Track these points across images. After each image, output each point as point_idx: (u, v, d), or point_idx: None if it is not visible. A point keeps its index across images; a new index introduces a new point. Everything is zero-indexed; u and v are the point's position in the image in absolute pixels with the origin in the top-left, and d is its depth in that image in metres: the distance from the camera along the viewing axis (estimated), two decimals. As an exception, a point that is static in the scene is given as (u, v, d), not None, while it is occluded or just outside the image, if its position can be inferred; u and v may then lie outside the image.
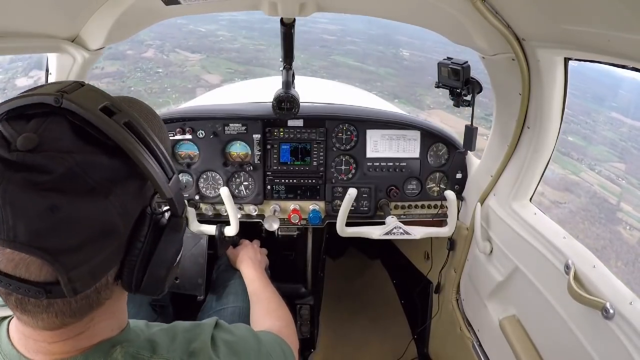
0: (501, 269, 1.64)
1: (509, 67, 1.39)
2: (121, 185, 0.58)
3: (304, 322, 2.35)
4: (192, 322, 0.86)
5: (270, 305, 1.44)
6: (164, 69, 23.30)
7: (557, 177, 7.02)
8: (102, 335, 0.68)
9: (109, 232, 0.56)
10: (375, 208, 2.04)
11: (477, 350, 1.81)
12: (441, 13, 1.31)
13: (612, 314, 1.05)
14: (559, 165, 7.68)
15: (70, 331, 0.63)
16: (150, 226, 0.62)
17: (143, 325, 0.80)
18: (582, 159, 7.87)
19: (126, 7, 1.30)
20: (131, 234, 0.61)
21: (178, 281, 1.78)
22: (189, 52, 27.75)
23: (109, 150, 0.58)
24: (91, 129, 0.56)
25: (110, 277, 0.61)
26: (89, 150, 0.56)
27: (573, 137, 8.86)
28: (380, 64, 28.88)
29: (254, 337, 0.93)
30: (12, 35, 1.10)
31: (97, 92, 0.62)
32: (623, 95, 6.87)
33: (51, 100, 0.55)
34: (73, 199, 0.53)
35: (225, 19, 36.64)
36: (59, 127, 0.56)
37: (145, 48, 25.42)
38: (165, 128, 0.88)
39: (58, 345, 0.64)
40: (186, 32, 31.11)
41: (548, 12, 1.05)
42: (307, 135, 1.99)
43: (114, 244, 0.58)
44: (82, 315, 0.62)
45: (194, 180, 1.97)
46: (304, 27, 33.36)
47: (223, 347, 0.81)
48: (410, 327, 2.67)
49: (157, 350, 0.72)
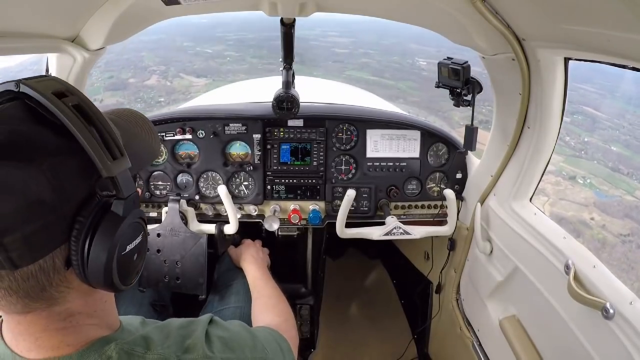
0: (501, 269, 1.64)
1: (509, 67, 1.39)
2: (59, 160, 0.60)
3: (304, 322, 2.36)
4: (186, 319, 0.86)
5: (270, 301, 1.45)
6: (166, 97, 23.11)
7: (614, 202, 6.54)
8: (92, 334, 0.68)
9: (38, 202, 0.56)
10: (376, 208, 2.04)
11: (477, 350, 1.81)
12: (441, 13, 1.31)
13: (612, 314, 1.05)
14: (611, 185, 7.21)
15: (47, 321, 0.64)
16: (94, 209, 0.63)
17: (138, 324, 0.81)
18: (632, 172, 7.45)
19: (126, 7, 1.30)
20: (74, 214, 0.61)
21: (179, 281, 1.78)
22: (194, 77, 27.49)
23: (56, 129, 0.60)
24: (42, 110, 0.60)
25: (57, 259, 0.61)
26: (36, 127, 0.60)
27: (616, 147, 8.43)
28: (398, 77, 28.31)
29: (249, 333, 0.93)
30: (12, 36, 1.10)
31: (58, 81, 0.66)
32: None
33: (12, 86, 0.61)
34: (8, 165, 0.55)
35: (233, 38, 36.19)
36: (15, 107, 0.61)
37: (149, 75, 25.13)
38: (154, 130, 0.89)
39: (44, 338, 0.65)
40: (192, 55, 30.68)
41: (548, 12, 1.05)
42: (307, 135, 1.99)
43: (48, 218, 0.58)
44: (40, 298, 0.62)
45: (194, 181, 1.97)
46: (314, 42, 32.67)
47: (217, 342, 0.81)
48: (410, 327, 2.67)
49: (152, 346, 0.72)
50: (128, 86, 22.26)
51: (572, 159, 9.39)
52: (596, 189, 8.54)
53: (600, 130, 4.02)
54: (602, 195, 8.09)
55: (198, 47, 31.18)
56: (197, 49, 31.13)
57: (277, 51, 1.69)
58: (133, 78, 23.49)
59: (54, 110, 0.59)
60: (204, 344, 0.78)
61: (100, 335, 0.69)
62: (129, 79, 22.91)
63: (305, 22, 1.60)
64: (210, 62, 30.26)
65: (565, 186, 8.69)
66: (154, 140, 0.88)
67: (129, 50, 23.48)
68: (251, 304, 1.56)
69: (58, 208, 0.59)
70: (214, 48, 32.06)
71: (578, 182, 8.84)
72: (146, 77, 24.42)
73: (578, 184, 8.79)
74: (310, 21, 1.57)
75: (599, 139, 9.41)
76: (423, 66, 29.12)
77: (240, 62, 31.14)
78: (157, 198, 1.99)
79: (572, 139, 9.36)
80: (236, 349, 0.83)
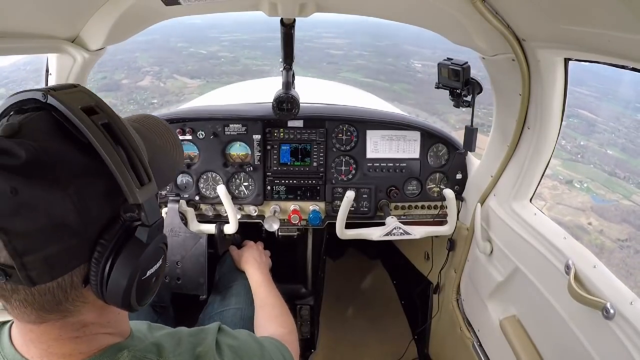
0: (501, 269, 1.64)
1: (509, 68, 1.39)
2: (85, 183, 0.58)
3: (304, 322, 2.35)
4: (196, 328, 0.87)
5: (274, 311, 1.45)
6: (160, 98, 22.70)
7: (611, 206, 6.48)
8: (105, 342, 0.68)
9: (62, 225, 0.56)
10: (376, 208, 2.04)
11: (477, 350, 1.81)
12: (441, 13, 1.31)
13: (613, 314, 1.05)
14: (608, 189, 7.11)
15: (60, 331, 0.64)
16: (118, 232, 0.62)
17: (145, 330, 0.80)
18: (628, 176, 7.39)
19: (126, 8, 1.30)
20: (97, 237, 0.61)
21: (180, 282, 1.78)
22: (187, 78, 27.09)
23: (83, 148, 0.59)
24: (69, 126, 0.58)
25: (75, 277, 0.61)
26: (63, 144, 0.58)
27: (612, 150, 8.32)
28: (393, 79, 27.90)
29: (257, 342, 0.94)
30: (12, 36, 1.10)
31: (86, 93, 0.63)
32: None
33: (39, 96, 0.59)
34: (33, 185, 0.54)
35: (228, 39, 35.62)
36: (41, 120, 0.58)
37: (142, 75, 24.58)
38: (179, 143, 0.86)
39: (55, 346, 0.64)
40: (186, 56, 30.10)
41: (548, 13, 1.05)
42: (307, 135, 1.99)
43: (71, 240, 0.57)
44: (54, 311, 0.61)
45: (193, 181, 1.97)
46: (309, 43, 32.42)
47: (228, 351, 0.82)
48: (411, 327, 2.67)
49: (164, 353, 0.72)
50: (121, 87, 21.82)
51: (568, 163, 9.29)
52: (593, 193, 8.49)
53: (596, 134, 4.01)
54: (599, 199, 8.06)
55: (192, 47, 30.92)
56: (190, 49, 30.83)
57: (272, 52, 1.70)
58: (126, 79, 23.13)
59: (82, 130, 0.57)
60: (214, 352, 0.78)
61: (113, 343, 0.69)
62: (122, 79, 22.52)
63: (302, 24, 1.60)
64: (204, 63, 29.99)
65: (562, 190, 8.56)
66: (178, 154, 0.86)
67: (123, 51, 23.17)
68: (251, 306, 1.56)
69: (82, 231, 0.59)
70: (208, 49, 31.74)
71: (575, 186, 8.75)
72: (139, 78, 24.08)
73: (575, 188, 8.70)
74: (306, 22, 1.57)
75: (595, 143, 9.39)
76: (418, 68, 28.82)
77: (234, 63, 30.93)
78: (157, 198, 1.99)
79: (569, 143, 9.35)
80: (244, 357, 0.84)
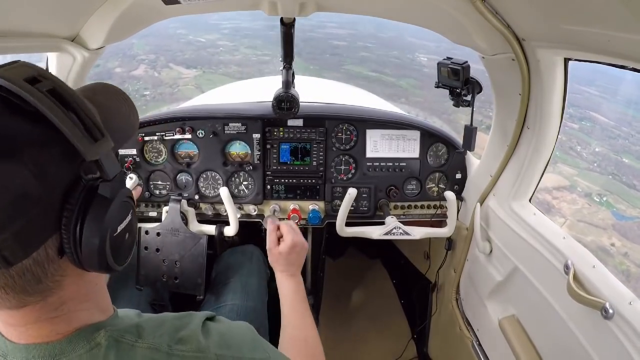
0: (501, 269, 1.64)
1: (509, 67, 1.39)
2: (40, 150, 0.58)
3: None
4: (183, 312, 0.84)
5: (307, 344, 1.20)
6: (153, 90, 22.05)
7: (633, 224, 6.16)
8: (83, 321, 0.67)
9: (24, 195, 0.55)
10: (375, 208, 2.04)
11: (476, 349, 1.82)
12: (441, 13, 1.31)
13: (612, 314, 1.05)
14: (629, 204, 6.77)
15: (39, 313, 0.63)
16: (81, 193, 0.61)
17: (133, 315, 0.79)
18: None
19: (126, 7, 1.30)
20: (62, 202, 0.60)
21: (177, 281, 1.78)
22: (183, 68, 26.29)
23: (33, 117, 0.58)
24: (15, 98, 0.57)
25: (49, 249, 0.60)
26: (12, 117, 0.57)
27: (628, 158, 8.02)
28: (399, 73, 27.09)
29: (252, 334, 0.89)
30: (12, 35, 1.10)
31: (28, 66, 0.62)
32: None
33: None
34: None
35: (228, 27, 34.55)
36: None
37: (137, 64, 23.58)
38: (130, 102, 0.85)
39: (34, 328, 0.64)
40: (184, 44, 29.31)
41: (548, 12, 1.05)
42: (306, 135, 1.99)
43: (35, 210, 0.57)
44: (35, 292, 0.61)
45: (193, 180, 1.97)
46: (311, 33, 31.60)
47: (216, 337, 0.79)
48: (410, 326, 2.67)
49: (143, 335, 0.70)
50: (113, 76, 20.93)
51: (585, 173, 8.78)
52: (613, 207, 7.99)
53: (609, 139, 3.83)
54: (620, 215, 7.68)
55: (191, 35, 29.98)
56: (189, 37, 29.98)
57: (272, 41, 1.68)
58: (120, 67, 22.38)
59: (27, 98, 0.56)
60: (199, 337, 0.75)
61: (91, 322, 0.68)
62: (116, 68, 21.71)
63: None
64: (202, 51, 29.12)
65: (582, 205, 8.18)
66: (132, 113, 0.85)
67: (120, 38, 22.58)
68: (247, 301, 1.52)
69: (44, 199, 0.57)
70: (207, 37, 30.74)
71: (594, 200, 8.27)
72: (134, 67, 23.42)
73: (594, 202, 8.23)
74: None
75: (609, 149, 8.83)
76: (424, 62, 27.87)
77: (233, 52, 30.24)
78: (157, 197, 1.99)
79: (584, 149, 8.75)
80: (233, 346, 0.80)
